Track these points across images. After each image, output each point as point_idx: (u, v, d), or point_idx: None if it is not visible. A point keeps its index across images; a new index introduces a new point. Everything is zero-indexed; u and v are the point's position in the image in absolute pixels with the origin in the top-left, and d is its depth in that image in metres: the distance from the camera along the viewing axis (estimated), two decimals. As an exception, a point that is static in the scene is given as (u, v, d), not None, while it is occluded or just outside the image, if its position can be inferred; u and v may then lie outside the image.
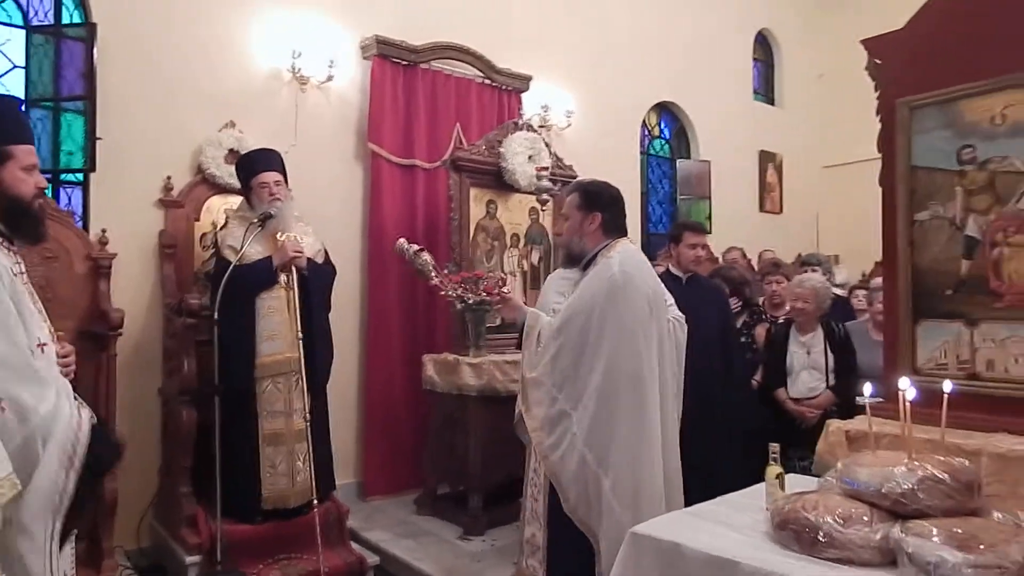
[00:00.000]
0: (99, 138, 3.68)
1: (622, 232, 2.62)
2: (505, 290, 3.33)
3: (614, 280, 2.44)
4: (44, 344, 2.08)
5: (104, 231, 3.65)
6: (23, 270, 2.07)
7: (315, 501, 3.28)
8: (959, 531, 1.51)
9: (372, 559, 3.54)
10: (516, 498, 3.91)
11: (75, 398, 2.03)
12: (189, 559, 3.26)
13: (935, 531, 1.52)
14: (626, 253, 2.53)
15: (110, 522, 3.30)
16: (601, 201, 2.59)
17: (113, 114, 3.77)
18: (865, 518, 1.64)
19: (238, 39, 4.29)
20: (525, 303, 3.15)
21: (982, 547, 1.45)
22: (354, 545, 3.63)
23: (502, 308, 3.15)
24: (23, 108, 3.61)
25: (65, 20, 3.91)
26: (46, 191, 2.39)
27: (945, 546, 1.47)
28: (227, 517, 3.22)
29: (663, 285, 2.72)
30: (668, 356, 2.61)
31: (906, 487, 1.63)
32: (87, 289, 3.55)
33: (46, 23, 3.85)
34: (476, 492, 3.94)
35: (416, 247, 4.01)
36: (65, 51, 3.75)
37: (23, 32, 3.74)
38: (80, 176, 3.84)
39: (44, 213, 2.17)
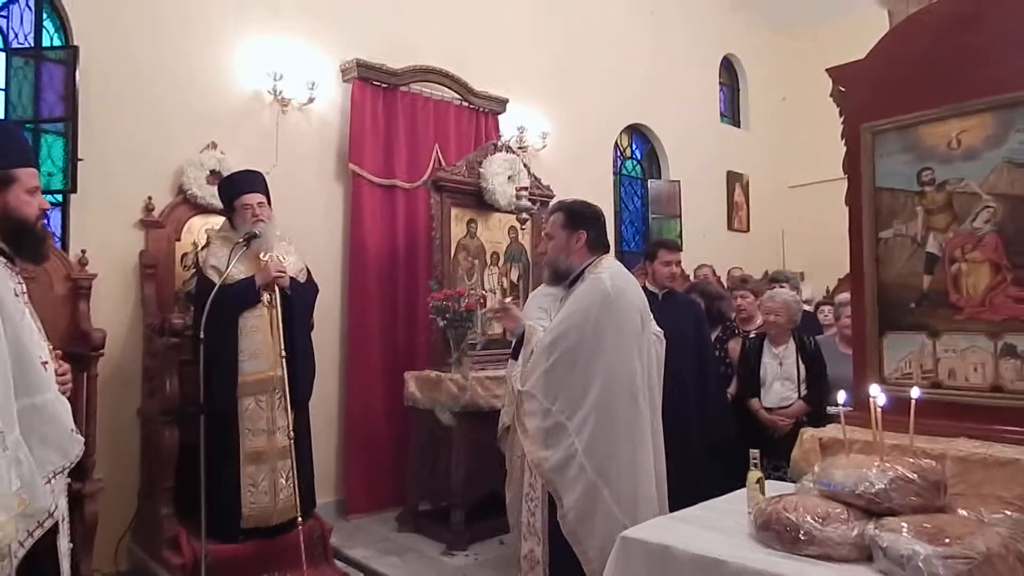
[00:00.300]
0: (81, 159, 3.69)
1: (606, 249, 2.72)
2: (507, 300, 3.41)
3: (607, 293, 2.51)
4: (45, 362, 2.11)
5: (84, 252, 3.64)
6: (24, 290, 2.11)
7: (299, 519, 3.29)
8: (929, 526, 1.62)
9: (356, 576, 3.55)
10: (497, 513, 3.98)
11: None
12: (172, 581, 3.23)
13: (907, 527, 1.62)
14: (614, 268, 2.64)
15: (89, 545, 3.26)
16: (585, 219, 2.69)
17: (94, 135, 3.78)
18: (842, 517, 1.74)
19: (220, 61, 4.33)
20: None
21: (949, 540, 1.56)
22: (338, 563, 3.63)
23: (502, 317, 3.20)
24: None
25: (45, 43, 3.92)
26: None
27: (917, 540, 1.57)
28: (209, 537, 3.20)
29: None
30: (652, 369, 2.70)
31: (879, 487, 1.74)
32: (67, 310, 3.54)
33: (26, 46, 3.85)
34: (458, 507, 3.97)
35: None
36: (45, 73, 3.76)
37: (2, 55, 3.74)
38: (59, 197, 3.82)
39: (46, 234, 2.21)
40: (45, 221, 2.32)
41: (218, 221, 3.99)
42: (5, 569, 1.74)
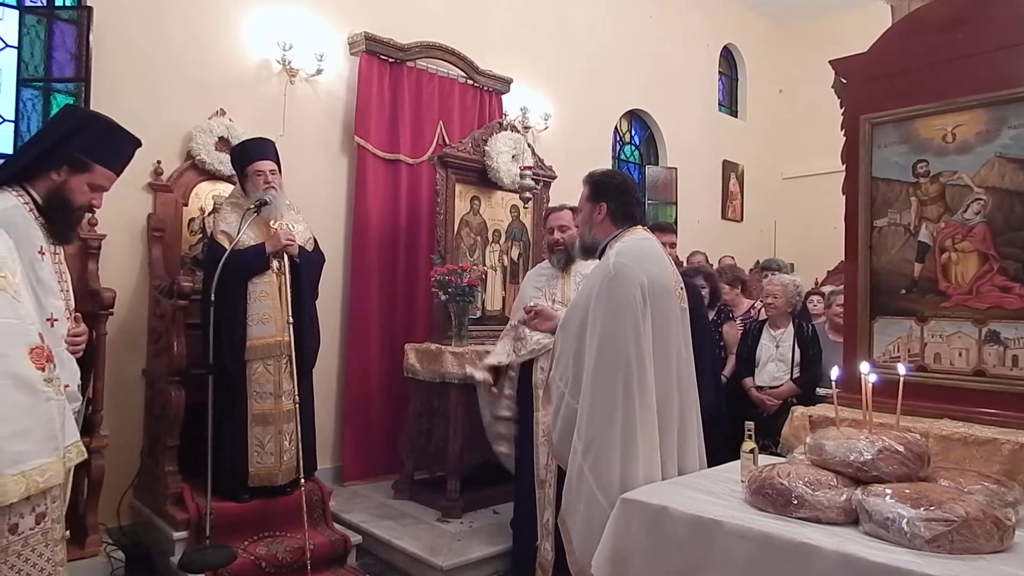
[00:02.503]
0: (92, 120, 3.71)
1: (632, 220, 2.52)
2: (538, 303, 3.17)
3: (607, 272, 2.37)
4: (55, 320, 2.19)
5: (93, 212, 3.67)
6: (55, 250, 2.21)
7: (302, 480, 3.39)
8: (912, 492, 1.74)
9: (355, 537, 3.65)
10: (491, 483, 4.11)
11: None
12: (176, 535, 3.32)
13: (891, 492, 1.74)
14: (628, 242, 2.44)
15: (95, 499, 3.34)
16: (607, 191, 2.53)
17: (104, 97, 3.79)
18: (832, 483, 1.86)
19: (230, 29, 4.35)
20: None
21: (931, 505, 1.68)
22: (336, 525, 3.73)
23: (536, 323, 3.10)
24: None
25: (58, 2, 3.92)
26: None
27: (900, 504, 1.69)
28: (213, 495, 3.29)
29: (672, 274, 2.52)
30: (676, 344, 2.45)
31: (867, 456, 1.86)
32: (75, 269, 3.55)
33: (39, 4, 3.85)
34: (454, 476, 4.08)
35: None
36: (57, 32, 3.78)
37: (16, 12, 3.74)
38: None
39: (79, 222, 2.33)
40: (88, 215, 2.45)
41: (226, 188, 4.05)
42: (59, 509, 1.82)
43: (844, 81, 2.98)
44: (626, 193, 2.54)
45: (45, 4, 3.87)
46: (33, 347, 1.73)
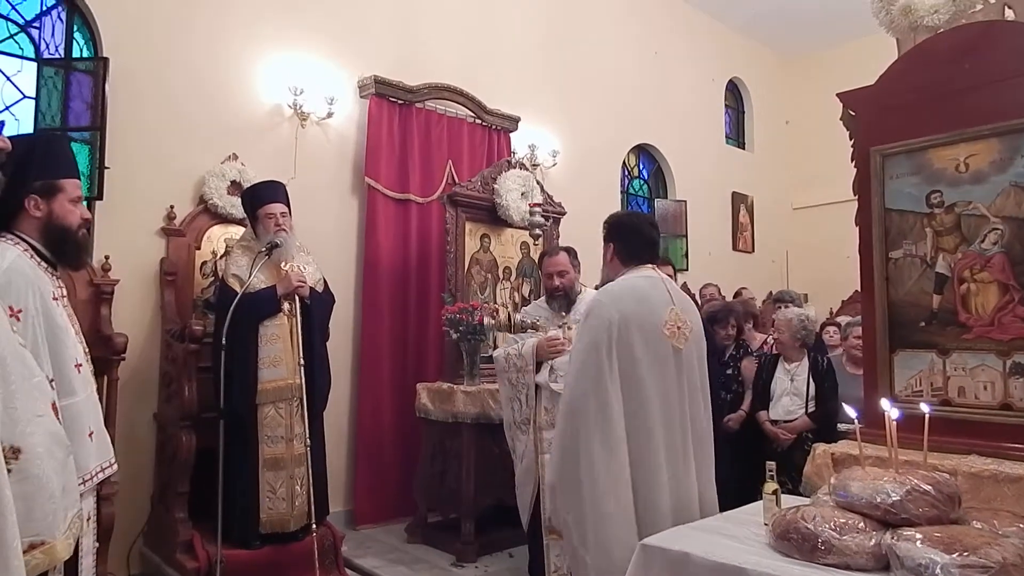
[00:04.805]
0: (107, 167, 3.77)
1: (640, 260, 2.51)
2: (555, 335, 3.18)
3: (587, 314, 2.42)
4: (80, 365, 2.17)
5: (107, 257, 3.71)
6: (64, 294, 2.18)
7: (313, 525, 3.33)
8: (944, 536, 1.67)
9: (367, 585, 3.58)
10: (507, 525, 4.02)
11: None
12: (186, 584, 3.26)
13: (922, 536, 1.67)
14: (620, 281, 2.46)
15: (104, 547, 3.28)
16: (615, 231, 2.58)
17: (119, 144, 3.87)
18: (859, 527, 1.80)
19: (243, 76, 4.43)
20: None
21: (965, 550, 1.61)
22: (348, 572, 3.66)
23: (562, 349, 3.12)
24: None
25: (75, 54, 4.02)
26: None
27: (933, 549, 1.63)
28: (224, 542, 3.24)
29: (661, 310, 2.43)
30: (672, 381, 2.39)
31: (895, 498, 1.80)
32: (89, 314, 3.59)
33: (57, 56, 3.95)
34: (468, 518, 4.00)
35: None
36: (74, 83, 3.86)
37: (35, 64, 3.84)
38: (84, 204, 3.89)
39: (87, 241, 2.30)
40: (86, 230, 2.41)
41: (237, 231, 4.07)
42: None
43: (852, 113, 2.97)
44: (633, 233, 2.57)
45: (62, 56, 3.96)
46: (53, 402, 1.73)
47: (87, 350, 2.28)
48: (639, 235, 2.57)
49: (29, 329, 1.97)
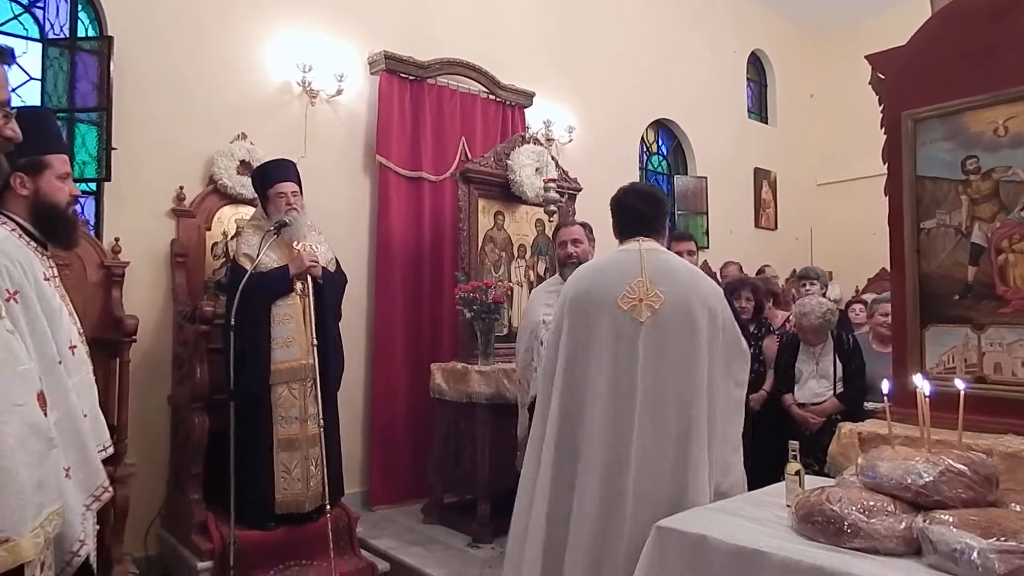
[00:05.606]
0: (114, 148, 3.73)
1: (629, 234, 2.43)
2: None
3: None
4: (75, 346, 2.13)
5: (117, 239, 3.68)
6: (56, 274, 2.13)
7: (328, 506, 3.30)
8: (980, 520, 1.57)
9: (383, 565, 3.55)
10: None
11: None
12: (201, 565, 3.25)
13: (957, 520, 1.57)
14: (592, 260, 2.55)
15: (121, 529, 3.28)
16: (611, 208, 2.53)
17: (127, 125, 3.82)
18: (888, 509, 1.70)
19: (250, 53, 4.36)
20: None
21: (1004, 535, 1.51)
22: (363, 552, 3.63)
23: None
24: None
25: (80, 33, 3.96)
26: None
27: (969, 533, 1.52)
28: (239, 523, 3.22)
29: (633, 279, 2.28)
30: (628, 357, 2.22)
31: (927, 479, 1.69)
32: (99, 296, 3.58)
33: (62, 36, 3.90)
34: (484, 499, 3.95)
35: None
36: (79, 63, 3.81)
37: (39, 45, 3.79)
38: (93, 186, 3.87)
39: (77, 219, 2.24)
40: (77, 207, 2.35)
41: (247, 211, 4.03)
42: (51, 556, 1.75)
43: (882, 77, 2.81)
44: (620, 207, 2.49)
45: (67, 37, 3.91)
46: (38, 392, 1.67)
47: (82, 331, 2.23)
48: (625, 209, 2.48)
49: (25, 311, 1.92)
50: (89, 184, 3.84)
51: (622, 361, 2.23)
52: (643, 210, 2.46)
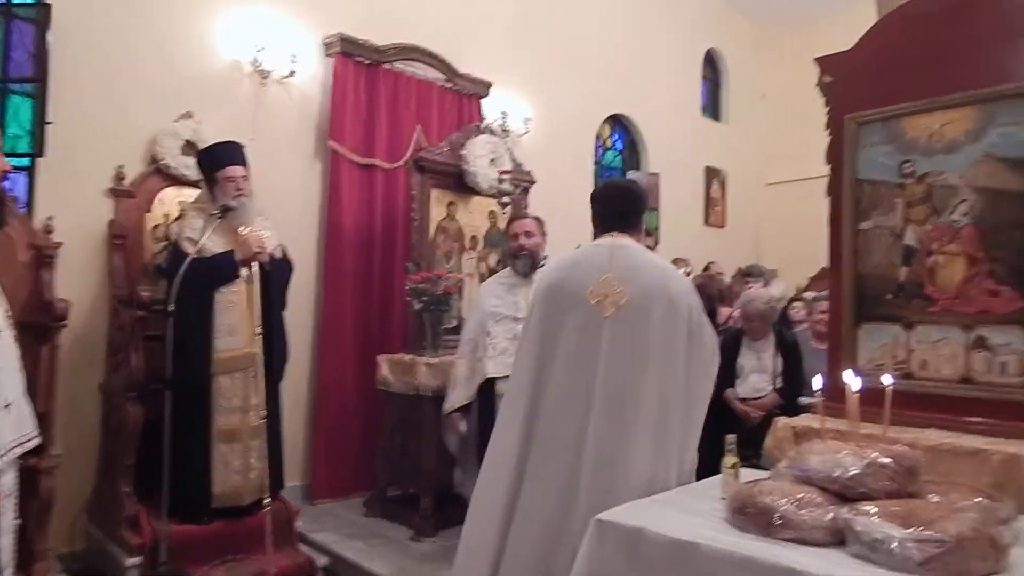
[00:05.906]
0: (49, 122, 3.55)
1: (602, 230, 2.47)
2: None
3: None
4: (1, 330, 2.03)
5: (50, 219, 3.50)
6: None
7: (267, 499, 3.23)
8: (901, 510, 1.62)
9: (321, 560, 3.50)
10: (466, 499, 3.95)
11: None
12: (130, 561, 3.13)
13: (878, 511, 1.62)
14: (566, 254, 2.56)
15: (44, 522, 3.14)
16: (591, 202, 2.57)
17: (64, 99, 3.64)
18: (817, 501, 1.74)
19: (200, 28, 4.21)
20: None
21: (922, 525, 1.56)
22: (302, 546, 3.57)
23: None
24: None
25: (16, 0, 3.76)
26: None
27: (889, 524, 1.58)
28: (172, 517, 3.13)
29: (601, 274, 2.31)
30: (595, 349, 2.25)
31: (853, 472, 1.74)
32: (29, 278, 3.40)
33: (-5, 1, 3.70)
34: (428, 492, 3.93)
35: None
36: (15, 31, 3.63)
37: (-31, 9, 3.59)
38: (26, 161, 3.68)
39: (6, 196, 2.13)
40: (7, 183, 2.24)
41: (191, 193, 3.89)
42: None
43: (828, 79, 2.88)
44: (597, 202, 2.54)
45: (3, 3, 3.71)
46: None
47: (10, 313, 2.13)
48: (601, 204, 2.53)
49: None
50: (21, 159, 3.66)
51: (585, 353, 2.27)
52: (617, 206, 2.50)
